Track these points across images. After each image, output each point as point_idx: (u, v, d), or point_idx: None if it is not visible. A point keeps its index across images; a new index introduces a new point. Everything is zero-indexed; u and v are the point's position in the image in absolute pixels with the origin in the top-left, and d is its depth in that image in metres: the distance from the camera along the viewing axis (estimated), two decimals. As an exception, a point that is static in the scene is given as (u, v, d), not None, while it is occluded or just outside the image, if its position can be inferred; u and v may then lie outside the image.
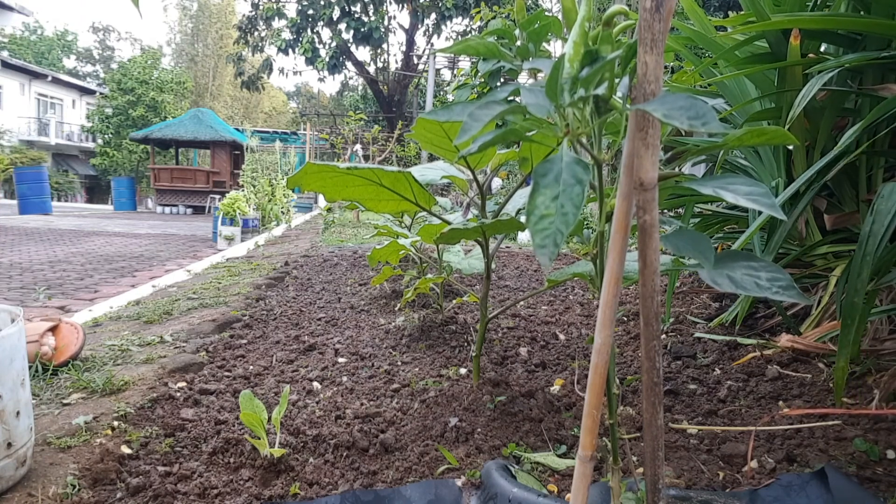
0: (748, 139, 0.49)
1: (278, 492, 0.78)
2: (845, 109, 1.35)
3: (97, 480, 0.81)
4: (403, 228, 1.84)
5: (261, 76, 17.42)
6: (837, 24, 1.18)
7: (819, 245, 1.41)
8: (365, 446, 0.90)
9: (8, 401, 0.73)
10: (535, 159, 0.99)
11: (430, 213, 1.08)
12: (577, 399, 1.08)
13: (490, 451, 0.90)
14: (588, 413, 0.48)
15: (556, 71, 0.44)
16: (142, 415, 1.03)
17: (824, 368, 1.17)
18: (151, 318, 1.82)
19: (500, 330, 1.65)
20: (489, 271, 1.08)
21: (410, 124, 5.75)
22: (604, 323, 0.47)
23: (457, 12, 15.67)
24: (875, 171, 1.33)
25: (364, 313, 1.90)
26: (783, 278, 0.50)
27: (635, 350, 1.42)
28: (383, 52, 18.27)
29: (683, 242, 0.50)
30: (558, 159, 0.42)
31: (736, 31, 1.48)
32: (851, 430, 0.89)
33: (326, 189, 0.99)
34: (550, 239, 0.39)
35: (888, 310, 1.13)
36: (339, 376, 1.27)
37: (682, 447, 0.90)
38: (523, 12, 0.83)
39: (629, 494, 0.65)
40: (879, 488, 0.75)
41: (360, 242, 4.39)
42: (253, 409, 0.87)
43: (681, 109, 0.39)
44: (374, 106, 21.40)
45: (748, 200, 0.46)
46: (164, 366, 1.27)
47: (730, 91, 1.62)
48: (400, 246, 1.44)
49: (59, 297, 3.00)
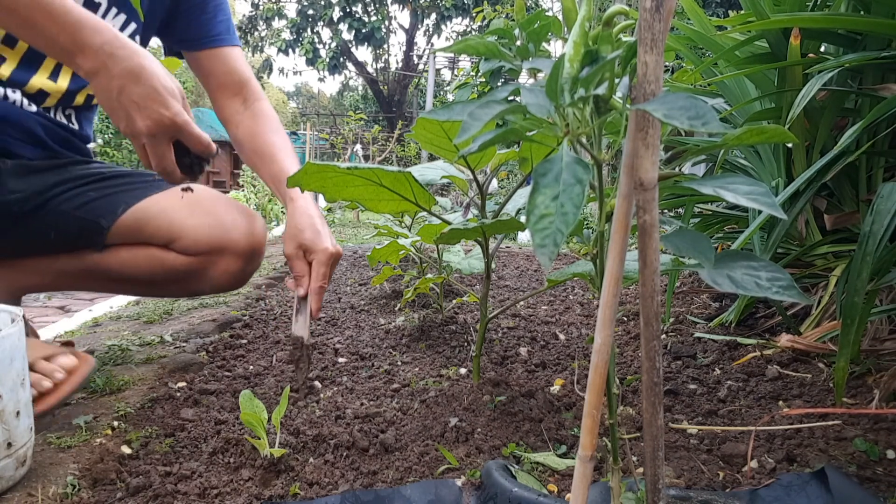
0: (748, 138, 0.49)
1: (278, 492, 0.78)
2: (845, 109, 1.35)
3: (97, 480, 0.81)
4: (403, 228, 1.84)
5: (261, 76, 17.43)
6: (837, 23, 1.18)
7: (819, 245, 1.42)
8: (365, 446, 0.90)
9: (8, 401, 0.73)
10: (535, 159, 0.99)
11: (430, 213, 1.08)
12: (577, 399, 1.08)
13: (490, 451, 0.90)
14: (588, 413, 0.48)
15: (556, 71, 0.44)
16: (142, 415, 1.03)
17: (824, 368, 1.17)
18: (151, 318, 1.83)
19: (500, 330, 1.65)
20: (489, 271, 1.08)
21: (410, 124, 5.75)
22: (604, 323, 0.47)
23: (457, 12, 15.67)
24: (875, 171, 1.33)
25: (364, 313, 1.90)
26: (783, 278, 0.50)
27: (635, 350, 1.42)
28: (384, 53, 18.27)
29: (683, 242, 0.50)
30: (558, 159, 0.42)
31: (735, 29, 1.48)
32: (851, 430, 0.90)
33: (326, 189, 0.99)
34: (550, 238, 0.39)
35: (888, 310, 1.13)
36: (339, 376, 1.27)
37: (682, 447, 0.90)
38: (523, 12, 0.83)
39: (629, 494, 0.65)
40: (879, 488, 0.75)
41: (360, 242, 4.39)
42: (253, 409, 0.87)
43: (681, 109, 0.39)
44: (374, 106, 21.40)
45: (748, 200, 0.45)
46: (164, 366, 1.27)
47: (730, 91, 1.62)
48: (400, 246, 1.44)
49: (59, 296, 3.00)
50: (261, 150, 1.28)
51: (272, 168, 1.25)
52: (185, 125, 0.93)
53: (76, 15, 0.85)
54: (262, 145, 1.28)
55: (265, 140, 1.28)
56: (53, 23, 0.83)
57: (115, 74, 0.87)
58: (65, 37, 0.85)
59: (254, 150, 1.29)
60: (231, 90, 1.33)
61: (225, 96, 1.33)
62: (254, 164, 1.30)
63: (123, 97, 0.88)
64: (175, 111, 0.91)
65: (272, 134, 1.29)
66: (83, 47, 0.85)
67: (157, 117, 0.89)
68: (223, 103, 1.34)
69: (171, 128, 0.91)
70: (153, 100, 0.89)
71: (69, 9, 0.84)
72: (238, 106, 1.33)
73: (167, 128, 0.91)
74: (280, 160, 1.25)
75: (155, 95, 0.89)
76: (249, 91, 1.34)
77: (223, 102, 1.34)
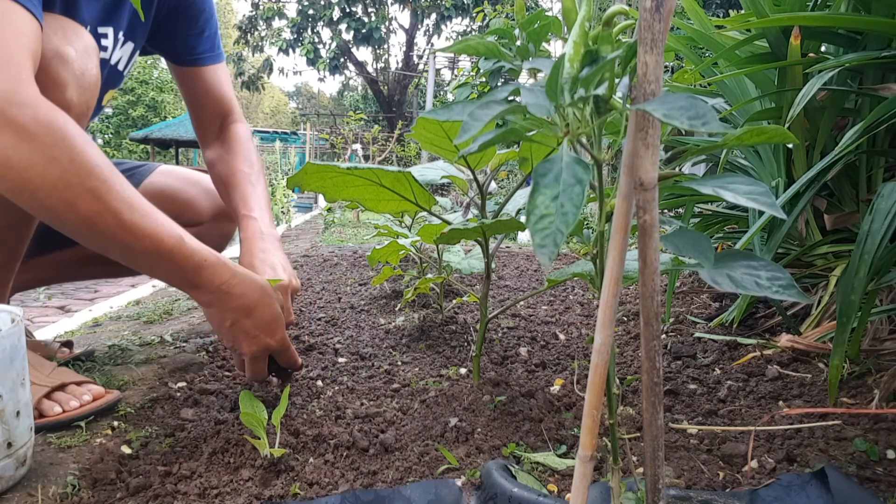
0: (748, 138, 0.49)
1: (278, 492, 0.78)
2: (845, 109, 1.35)
3: (97, 480, 0.81)
4: (403, 228, 1.84)
5: (261, 76, 17.42)
6: (838, 22, 1.18)
7: (819, 245, 1.42)
8: (365, 446, 0.90)
9: (8, 401, 0.73)
10: (535, 159, 0.99)
11: (431, 213, 1.08)
12: (577, 399, 1.08)
13: (490, 451, 0.90)
14: (588, 413, 0.48)
15: (556, 71, 0.44)
16: (142, 415, 1.03)
17: (824, 368, 1.17)
18: (151, 318, 1.83)
19: (500, 330, 1.65)
20: (489, 271, 1.08)
21: (410, 124, 5.75)
22: (604, 323, 0.47)
23: (457, 12, 15.67)
24: (875, 171, 1.33)
25: (364, 313, 1.90)
26: (783, 277, 0.50)
27: (635, 350, 1.42)
28: (384, 53, 18.27)
29: (683, 242, 0.50)
30: (558, 159, 0.42)
31: (734, 28, 1.48)
32: (851, 430, 0.89)
33: (326, 189, 0.99)
34: (550, 238, 0.39)
35: (888, 310, 1.13)
36: (339, 376, 1.27)
37: (682, 447, 0.90)
38: (523, 12, 0.83)
39: (629, 494, 0.65)
40: (879, 488, 0.75)
41: (360, 242, 4.39)
42: (253, 409, 0.87)
43: (681, 109, 0.39)
44: (374, 106, 21.40)
45: (748, 200, 0.45)
46: (164, 366, 1.27)
47: (730, 90, 1.62)
48: (400, 246, 1.44)
49: (59, 296, 3.00)
50: (225, 178, 1.26)
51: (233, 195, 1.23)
52: (285, 349, 1.02)
53: (198, 258, 0.91)
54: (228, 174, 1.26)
55: (232, 168, 1.26)
56: (177, 266, 0.90)
57: (229, 309, 0.94)
58: (185, 276, 0.92)
59: (218, 175, 1.28)
60: (209, 110, 1.31)
61: (203, 115, 1.32)
62: (217, 189, 1.30)
63: (235, 328, 0.96)
64: (279, 338, 1.00)
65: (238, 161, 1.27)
66: (201, 286, 0.93)
67: (264, 345, 0.98)
68: (199, 121, 1.32)
69: (272, 351, 1.01)
70: (262, 330, 0.97)
71: (191, 253, 0.91)
72: (214, 127, 1.32)
73: (270, 351, 1.00)
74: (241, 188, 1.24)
75: (264, 326, 0.98)
76: (228, 112, 1.33)
77: (199, 120, 1.32)
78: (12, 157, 0.76)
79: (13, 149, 0.76)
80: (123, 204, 0.84)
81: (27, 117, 0.77)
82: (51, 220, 0.84)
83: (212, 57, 1.30)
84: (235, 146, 1.29)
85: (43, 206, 0.81)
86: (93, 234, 0.84)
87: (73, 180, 0.80)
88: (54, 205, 0.80)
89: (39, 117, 0.78)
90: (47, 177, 0.78)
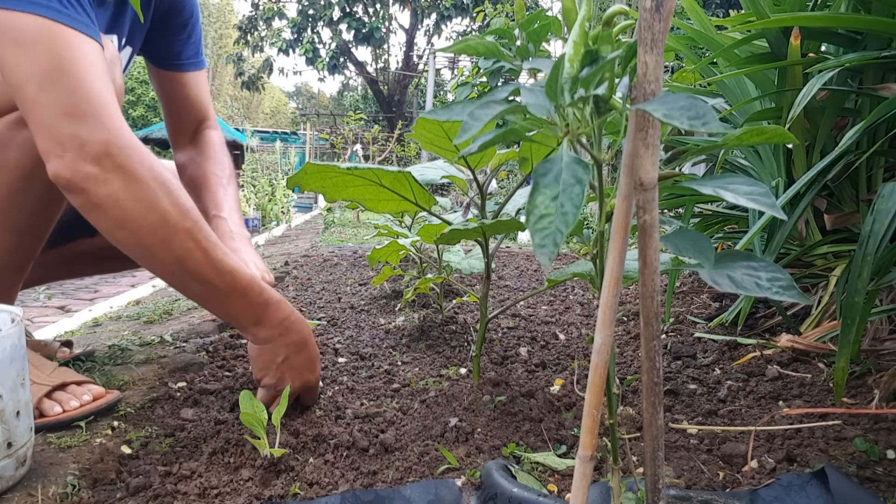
0: (748, 138, 0.49)
1: (278, 492, 0.78)
2: (845, 109, 1.35)
3: (97, 480, 0.81)
4: (403, 228, 1.84)
5: (261, 76, 17.41)
6: (838, 22, 1.18)
7: (819, 245, 1.41)
8: (365, 446, 0.90)
9: (8, 401, 0.73)
10: (535, 159, 0.99)
11: (431, 213, 1.08)
12: (577, 399, 1.08)
13: (490, 451, 0.90)
14: (588, 413, 0.48)
15: (556, 71, 0.44)
16: (142, 415, 1.03)
17: (824, 368, 1.17)
18: (151, 318, 1.83)
19: (500, 330, 1.65)
20: (489, 271, 1.08)
21: (410, 124, 5.75)
22: (604, 323, 0.47)
23: (457, 12, 15.67)
24: (875, 171, 1.33)
25: (364, 313, 1.90)
26: (783, 278, 0.50)
27: (635, 350, 1.42)
28: (384, 53, 18.27)
29: (683, 242, 0.50)
30: (558, 159, 0.42)
31: (734, 28, 1.48)
32: (851, 430, 0.89)
33: (326, 189, 0.99)
34: (550, 238, 0.39)
35: (888, 310, 1.13)
36: (339, 376, 1.27)
37: (682, 447, 0.90)
38: (523, 12, 0.83)
39: (629, 494, 0.65)
40: (879, 488, 0.75)
41: (360, 242, 4.39)
42: (253, 409, 0.87)
43: (681, 109, 0.39)
44: (374, 106, 21.40)
45: (748, 200, 0.45)
46: (164, 366, 1.27)
47: (730, 90, 1.62)
48: (400, 246, 1.44)
49: (59, 296, 3.00)
50: (197, 180, 1.26)
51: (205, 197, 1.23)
52: (316, 387, 1.06)
53: (266, 296, 0.96)
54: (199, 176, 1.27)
55: (204, 171, 1.27)
56: (248, 301, 0.94)
57: (284, 345, 0.98)
58: (253, 312, 0.95)
59: (190, 178, 1.28)
60: (187, 115, 1.32)
61: (179, 119, 1.32)
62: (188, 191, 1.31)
63: (286, 364, 0.99)
64: (318, 375, 1.04)
65: (211, 164, 1.28)
66: (264, 322, 0.96)
67: (306, 381, 1.01)
68: (175, 124, 1.32)
69: (310, 388, 1.04)
70: (307, 367, 1.01)
71: (261, 290, 0.95)
72: (189, 131, 1.32)
73: (309, 388, 1.03)
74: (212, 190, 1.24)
75: (310, 363, 1.02)
76: (203, 118, 1.33)
77: (175, 123, 1.32)
78: (121, 198, 0.81)
79: (122, 191, 0.81)
80: (211, 243, 0.89)
81: (134, 161, 0.82)
82: (140, 255, 0.88)
83: (195, 63, 1.30)
84: (209, 150, 1.30)
85: (139, 243, 0.85)
86: (180, 269, 0.88)
87: (172, 221, 0.85)
88: (152, 243, 0.85)
89: (144, 161, 0.84)
90: (149, 217, 0.83)
